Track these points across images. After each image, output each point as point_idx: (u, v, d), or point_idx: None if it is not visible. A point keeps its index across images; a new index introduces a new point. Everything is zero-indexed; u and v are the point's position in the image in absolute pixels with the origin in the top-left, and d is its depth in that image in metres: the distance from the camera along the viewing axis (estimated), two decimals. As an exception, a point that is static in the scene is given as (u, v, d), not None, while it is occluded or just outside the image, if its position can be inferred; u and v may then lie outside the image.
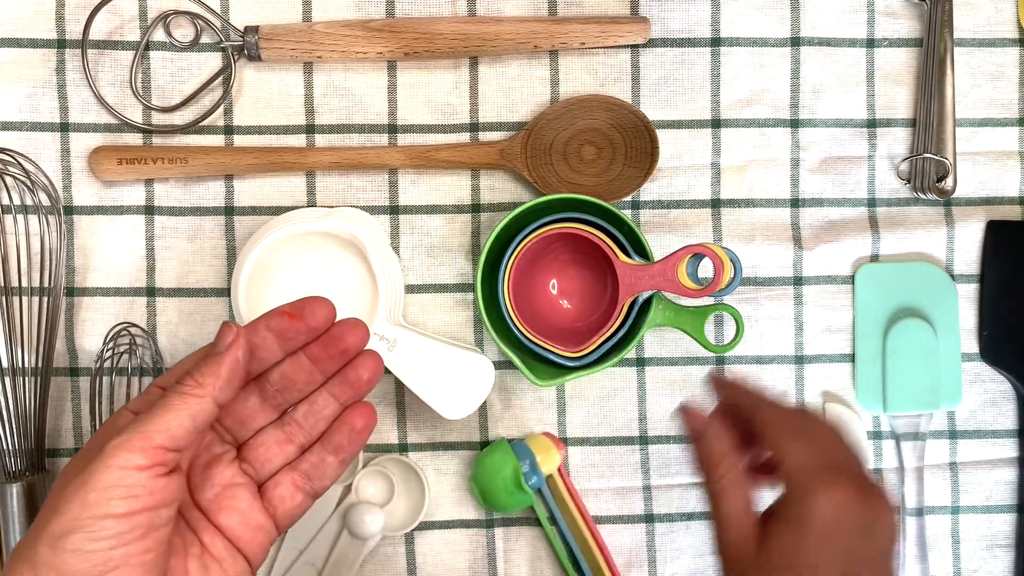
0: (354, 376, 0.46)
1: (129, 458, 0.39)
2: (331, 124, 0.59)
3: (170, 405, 0.41)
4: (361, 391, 0.46)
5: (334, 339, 0.45)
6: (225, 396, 0.42)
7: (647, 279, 0.53)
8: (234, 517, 0.44)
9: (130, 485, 0.38)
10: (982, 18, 0.60)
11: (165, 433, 0.40)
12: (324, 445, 0.46)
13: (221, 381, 0.42)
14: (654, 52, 0.59)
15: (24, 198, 0.57)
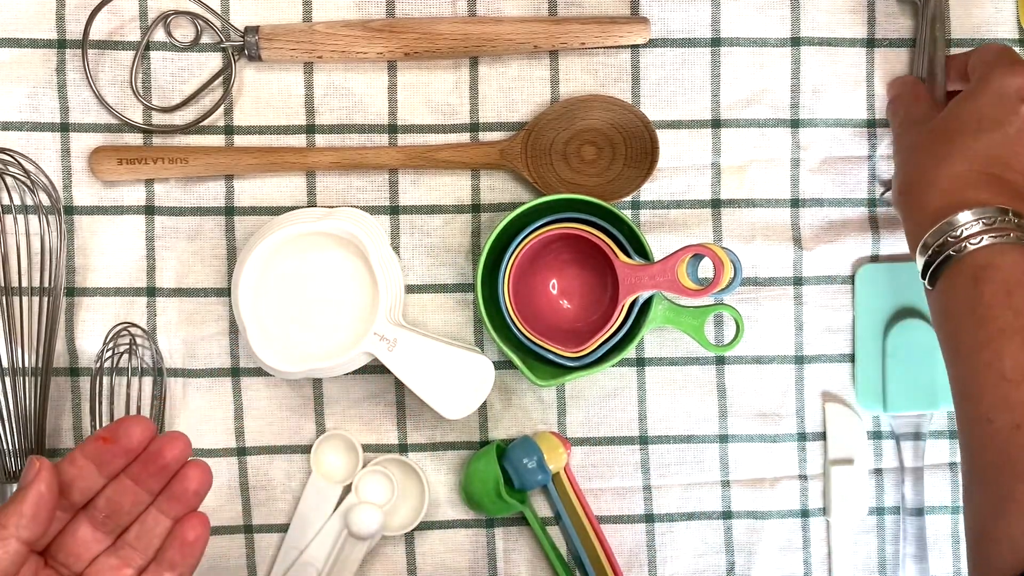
0: (180, 489, 0.45)
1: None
2: (331, 124, 0.59)
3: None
4: (191, 503, 0.46)
5: (152, 456, 0.44)
6: (32, 533, 0.41)
7: (647, 279, 0.53)
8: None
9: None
10: (982, 18, 0.60)
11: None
12: (159, 563, 0.45)
13: (25, 519, 0.40)
14: (654, 52, 0.59)
15: (24, 198, 0.57)
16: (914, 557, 0.59)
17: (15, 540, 0.40)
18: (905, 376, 0.59)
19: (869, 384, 0.60)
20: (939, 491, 0.60)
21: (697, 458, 0.60)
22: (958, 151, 0.50)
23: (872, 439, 0.60)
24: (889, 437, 0.60)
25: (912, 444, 0.60)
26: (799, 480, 0.60)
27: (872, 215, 0.60)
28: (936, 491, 0.60)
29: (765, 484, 0.60)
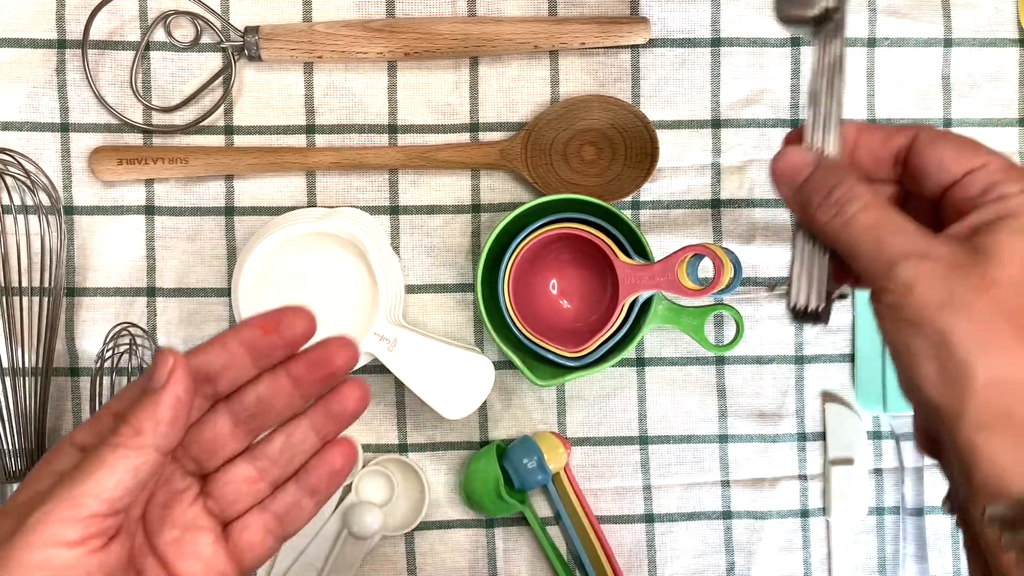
0: (339, 408, 0.41)
1: (56, 533, 0.33)
2: (331, 124, 0.59)
3: (103, 461, 0.34)
4: (344, 424, 0.41)
5: (321, 360, 0.40)
6: (169, 443, 0.36)
7: (647, 279, 0.53)
8: (195, 565, 0.39)
9: (58, 568, 0.33)
10: (982, 18, 0.60)
11: (98, 498, 0.33)
12: (300, 486, 0.41)
13: (163, 426, 0.35)
14: (654, 52, 0.59)
15: (24, 198, 0.57)
16: (914, 557, 0.59)
17: (152, 450, 0.35)
18: (905, 376, 0.59)
19: (869, 384, 0.60)
20: (939, 491, 0.60)
21: (697, 458, 0.60)
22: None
23: (872, 439, 0.60)
24: (889, 437, 0.60)
25: (912, 444, 0.60)
26: (799, 480, 0.60)
27: (872, 215, 0.60)
28: (936, 491, 0.60)
29: (765, 484, 0.60)
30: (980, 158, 0.35)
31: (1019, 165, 0.35)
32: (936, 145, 0.37)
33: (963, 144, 0.36)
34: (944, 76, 0.60)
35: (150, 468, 0.35)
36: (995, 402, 0.32)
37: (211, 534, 0.39)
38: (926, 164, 0.37)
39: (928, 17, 0.60)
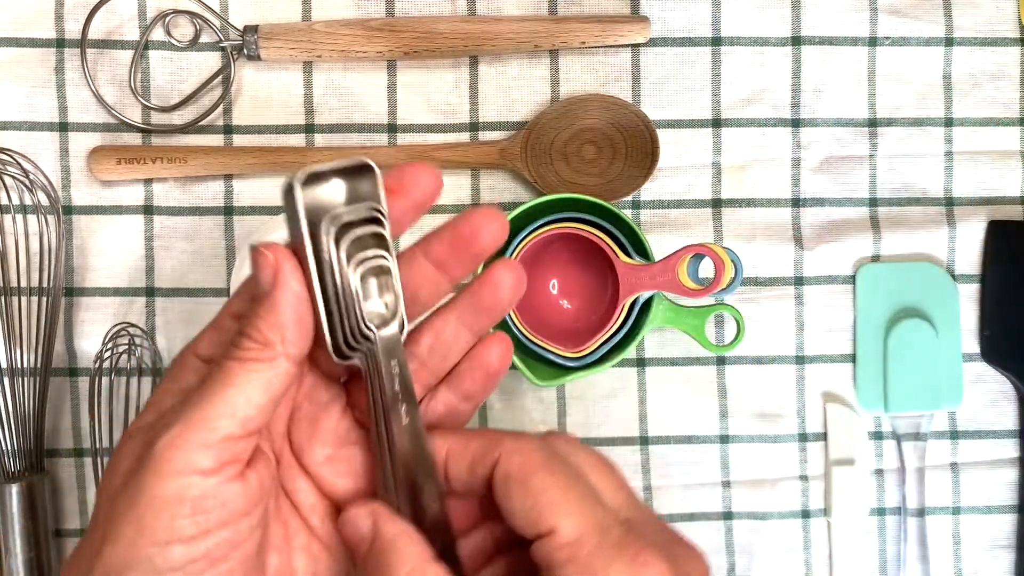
0: (490, 299, 0.35)
1: (189, 459, 0.30)
2: (331, 124, 0.59)
3: (231, 377, 0.31)
4: (499, 316, 0.36)
5: (465, 237, 0.34)
6: (300, 348, 0.32)
7: (647, 279, 0.53)
8: (350, 483, 0.35)
9: (197, 498, 0.30)
10: (983, 17, 0.60)
11: (232, 418, 0.30)
12: (454, 390, 0.37)
13: (288, 331, 0.32)
14: (654, 51, 0.59)
15: (23, 198, 0.57)
16: (916, 558, 0.59)
17: (283, 359, 0.32)
18: (906, 376, 0.59)
19: (870, 384, 0.60)
20: (940, 492, 0.60)
21: (697, 459, 0.60)
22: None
23: (873, 439, 0.60)
24: (890, 437, 0.60)
25: (913, 444, 0.60)
26: (800, 481, 0.60)
27: (873, 215, 0.60)
28: (937, 492, 0.60)
29: (766, 485, 0.60)
30: (548, 520, 0.32)
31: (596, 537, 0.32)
32: (509, 494, 0.33)
33: (533, 496, 0.32)
34: (945, 75, 0.60)
35: (284, 380, 0.32)
36: None
37: (365, 449, 0.35)
38: (502, 508, 0.33)
39: (929, 16, 0.60)
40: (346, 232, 0.34)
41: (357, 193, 0.34)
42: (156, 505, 0.29)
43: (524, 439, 0.34)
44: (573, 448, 0.36)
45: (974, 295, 0.60)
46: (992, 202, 0.60)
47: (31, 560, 0.55)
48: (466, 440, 0.35)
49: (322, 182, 0.34)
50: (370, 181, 0.34)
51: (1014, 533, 0.60)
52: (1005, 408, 0.60)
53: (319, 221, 0.33)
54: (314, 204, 0.33)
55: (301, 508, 0.35)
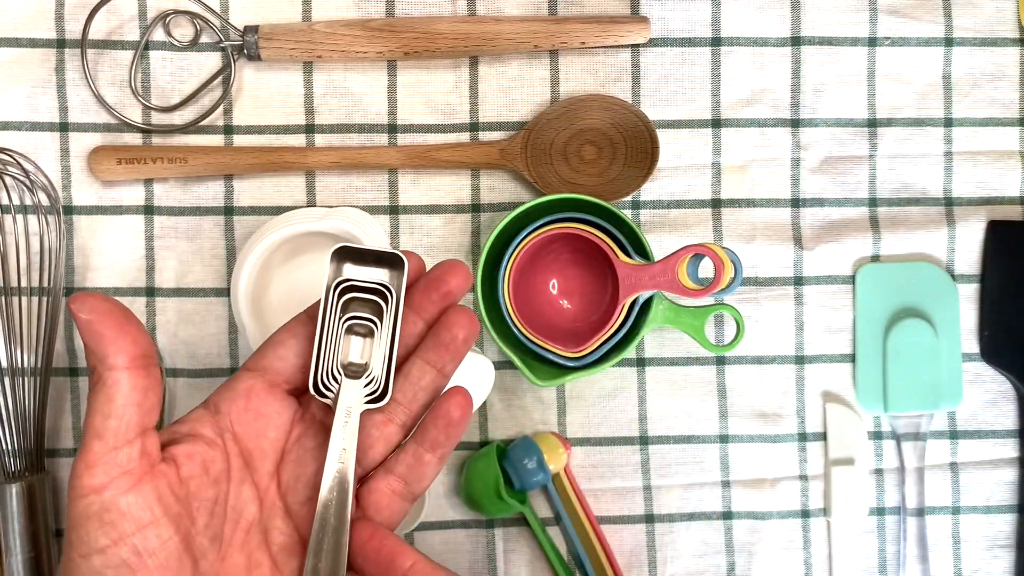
0: (448, 337, 0.41)
1: (83, 482, 0.35)
2: (331, 124, 0.59)
3: (89, 406, 0.36)
4: (457, 353, 0.42)
5: (434, 282, 0.41)
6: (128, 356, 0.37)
7: (647, 279, 0.53)
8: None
9: (98, 512, 0.35)
10: (983, 18, 0.60)
11: (100, 436, 0.36)
12: (418, 442, 0.41)
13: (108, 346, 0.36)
14: (654, 52, 0.59)
15: (23, 198, 0.57)
16: (915, 558, 0.59)
17: (115, 371, 0.36)
18: (906, 376, 0.59)
19: (870, 384, 0.60)
20: (940, 492, 0.60)
21: (697, 458, 0.60)
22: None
23: (873, 439, 0.60)
24: (890, 437, 0.60)
25: (913, 444, 0.60)
26: (799, 480, 0.60)
27: (873, 215, 0.60)
28: (937, 491, 0.60)
29: (765, 484, 0.60)
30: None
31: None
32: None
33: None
34: (945, 76, 0.60)
35: (120, 386, 0.36)
36: None
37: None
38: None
39: (929, 17, 0.60)
40: (350, 294, 0.41)
41: (384, 273, 0.42)
42: (72, 525, 0.35)
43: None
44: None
45: (973, 295, 0.60)
46: (991, 202, 0.60)
47: (31, 560, 0.55)
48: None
49: (362, 259, 0.42)
50: (398, 270, 0.41)
51: (1013, 533, 0.61)
52: (1004, 408, 0.60)
53: (335, 283, 0.41)
54: (345, 270, 0.42)
55: (272, 546, 0.39)
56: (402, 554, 0.39)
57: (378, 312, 0.41)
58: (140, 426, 0.37)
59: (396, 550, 0.39)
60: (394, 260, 0.41)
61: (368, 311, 0.41)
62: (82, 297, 0.36)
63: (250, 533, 0.39)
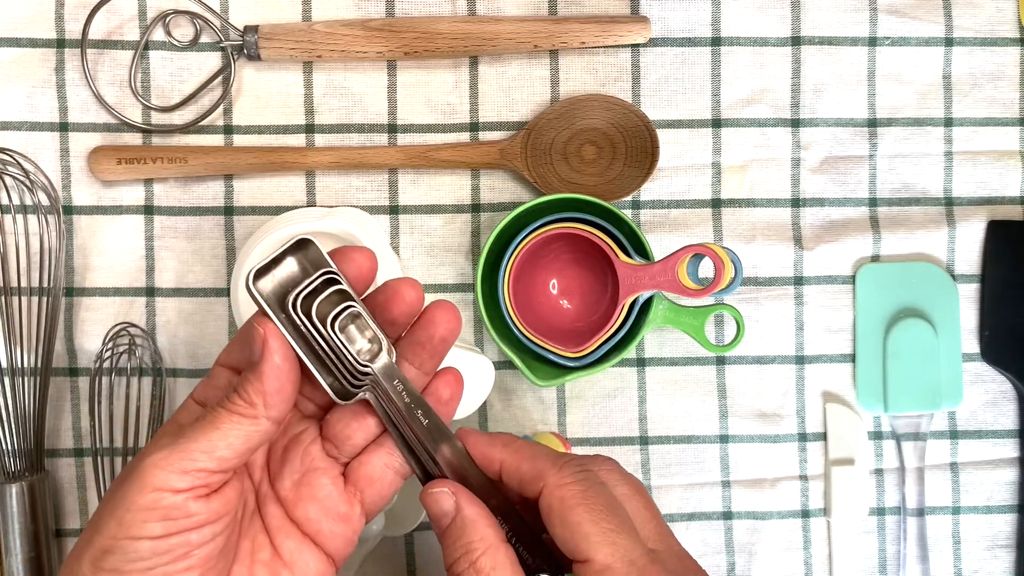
0: (424, 336, 0.42)
1: (166, 479, 0.36)
2: (331, 124, 0.59)
3: (218, 423, 0.37)
4: (436, 350, 0.42)
5: (392, 297, 0.42)
6: (280, 412, 0.38)
7: (647, 279, 0.53)
8: (312, 508, 0.41)
9: (166, 508, 0.36)
10: (983, 17, 0.60)
11: (209, 455, 0.37)
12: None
13: (271, 396, 0.38)
14: (654, 52, 0.59)
15: (23, 198, 0.57)
16: (915, 558, 0.59)
17: (264, 419, 0.38)
18: (906, 376, 0.59)
19: (870, 384, 0.60)
20: (940, 492, 0.60)
21: (697, 458, 0.60)
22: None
23: (873, 439, 0.60)
24: (890, 437, 0.60)
25: (913, 444, 0.60)
26: (800, 480, 0.60)
27: (873, 215, 0.60)
28: (937, 491, 0.60)
29: (766, 484, 0.60)
30: (583, 551, 0.38)
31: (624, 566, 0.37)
32: (552, 523, 0.39)
33: (570, 529, 0.38)
34: (945, 75, 0.60)
35: (261, 436, 0.38)
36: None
37: (328, 475, 0.41)
38: (548, 529, 0.39)
39: (929, 16, 0.60)
40: (312, 301, 0.40)
41: (308, 263, 0.40)
42: (134, 509, 0.36)
43: (567, 471, 0.39)
44: (613, 478, 0.41)
45: (974, 295, 0.60)
46: (992, 202, 0.60)
47: (31, 560, 0.55)
48: (517, 460, 0.40)
49: (275, 267, 0.40)
50: (314, 250, 0.40)
51: (1014, 533, 0.61)
52: (1004, 408, 0.60)
53: (285, 300, 0.40)
54: (278, 286, 0.40)
55: (270, 529, 0.41)
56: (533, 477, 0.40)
57: (341, 297, 0.41)
58: (243, 464, 0.39)
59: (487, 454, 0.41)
60: (298, 247, 0.40)
61: (335, 303, 0.40)
62: (273, 347, 0.38)
63: (252, 520, 0.41)
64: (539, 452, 0.41)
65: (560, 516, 0.38)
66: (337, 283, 0.40)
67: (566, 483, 0.39)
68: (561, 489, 0.39)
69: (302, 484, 0.41)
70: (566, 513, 0.38)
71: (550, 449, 0.41)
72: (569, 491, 0.39)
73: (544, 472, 0.39)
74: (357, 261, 0.41)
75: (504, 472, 0.41)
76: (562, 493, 0.39)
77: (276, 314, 0.39)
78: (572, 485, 0.39)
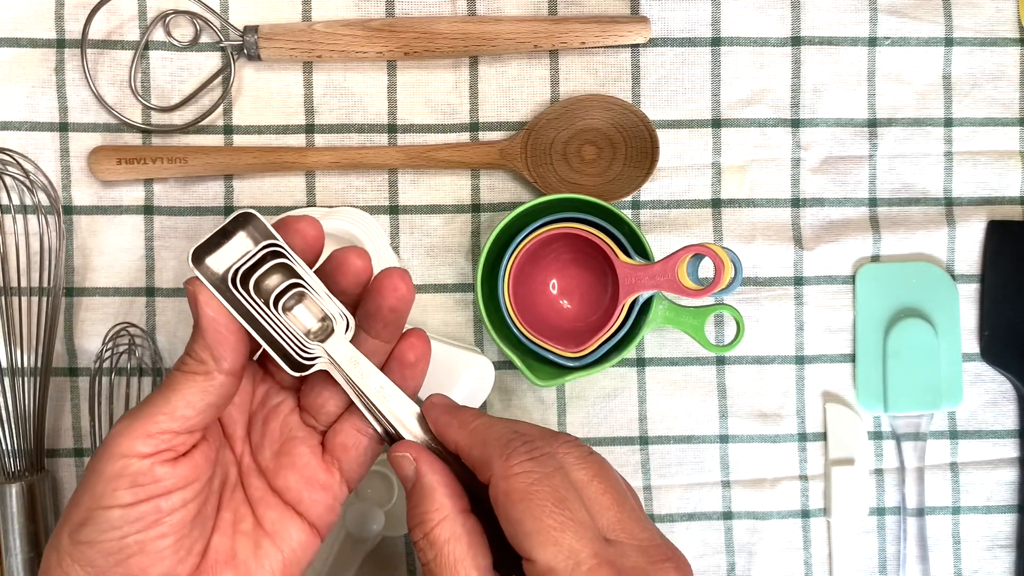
0: (374, 307, 0.42)
1: (131, 445, 0.37)
2: (331, 124, 0.59)
3: (175, 385, 0.38)
4: (389, 320, 0.42)
5: (338, 265, 0.42)
6: (232, 364, 0.39)
7: (647, 279, 0.53)
8: (292, 477, 0.41)
9: (133, 474, 0.37)
10: (983, 17, 0.60)
11: (171, 416, 0.38)
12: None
13: (217, 350, 0.39)
14: (654, 52, 0.59)
15: (23, 198, 0.57)
16: (915, 558, 0.59)
17: (217, 372, 0.39)
18: (906, 376, 0.59)
19: (870, 384, 0.60)
20: (940, 492, 0.60)
21: (697, 458, 0.60)
22: None
23: (873, 439, 0.60)
24: (890, 437, 0.60)
25: (913, 444, 0.60)
26: (800, 480, 0.60)
27: (873, 215, 0.60)
28: (937, 492, 0.60)
29: (766, 484, 0.60)
30: (524, 549, 0.36)
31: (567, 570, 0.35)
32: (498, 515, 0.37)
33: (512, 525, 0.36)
34: (945, 75, 0.60)
35: (220, 389, 0.39)
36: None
37: (306, 444, 0.42)
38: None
39: (929, 17, 0.60)
40: (250, 277, 0.40)
41: (255, 237, 0.41)
42: (104, 479, 0.37)
43: (514, 460, 0.37)
44: (570, 460, 0.39)
45: (974, 295, 0.60)
46: (992, 202, 0.60)
47: (31, 560, 0.55)
48: (469, 444, 0.39)
49: (220, 243, 0.40)
50: (259, 224, 0.41)
51: (1014, 533, 0.60)
52: (1005, 408, 0.60)
53: (227, 277, 0.40)
54: (222, 263, 0.40)
55: (252, 500, 0.41)
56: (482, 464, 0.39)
57: (286, 273, 0.41)
58: (208, 424, 0.39)
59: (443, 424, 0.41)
60: (243, 221, 0.41)
61: (277, 281, 0.41)
62: (203, 303, 0.39)
63: (234, 492, 0.41)
64: (492, 436, 0.38)
65: (503, 511, 0.36)
66: (282, 256, 0.40)
67: (511, 474, 0.36)
68: (506, 481, 0.36)
69: (281, 454, 0.41)
70: (509, 508, 0.36)
71: (506, 430, 0.39)
72: (514, 483, 0.36)
73: (491, 460, 0.37)
74: (301, 231, 0.41)
75: (460, 454, 0.40)
76: (506, 486, 0.36)
77: (225, 291, 0.40)
78: (518, 477, 0.36)
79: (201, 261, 0.40)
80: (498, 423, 0.40)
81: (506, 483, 0.36)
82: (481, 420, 0.40)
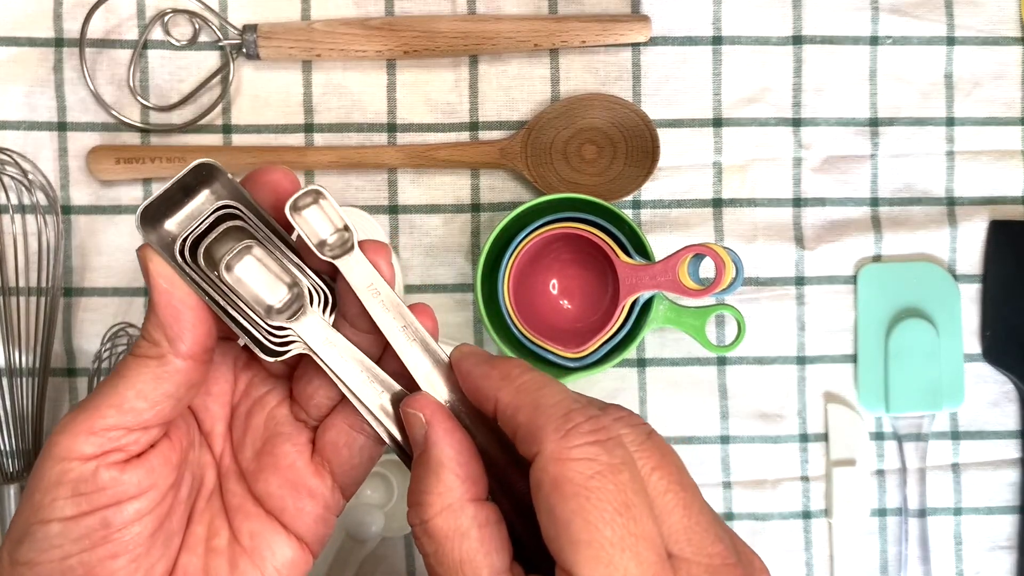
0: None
1: (71, 445, 0.30)
2: (330, 123, 0.59)
3: (124, 371, 0.32)
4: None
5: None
6: (191, 346, 0.32)
7: (648, 279, 0.53)
8: (274, 480, 0.34)
9: (74, 481, 0.30)
10: (985, 17, 0.60)
11: (119, 409, 0.31)
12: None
13: (173, 329, 0.32)
14: (655, 50, 0.59)
15: (22, 198, 0.57)
16: (917, 559, 0.59)
17: (172, 355, 0.32)
18: (907, 376, 0.59)
19: (871, 385, 0.60)
20: (942, 493, 0.60)
21: (698, 459, 0.60)
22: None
23: (874, 440, 0.60)
24: (891, 438, 0.60)
25: (914, 445, 0.59)
26: (801, 481, 0.60)
27: (874, 215, 0.60)
28: (938, 492, 0.60)
29: (767, 485, 0.60)
30: (566, 558, 0.28)
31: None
32: (538, 505, 0.29)
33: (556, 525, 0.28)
34: (947, 75, 0.60)
35: (177, 376, 0.32)
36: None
37: (291, 442, 0.35)
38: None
39: (931, 16, 0.60)
40: (199, 245, 0.33)
41: (219, 193, 0.33)
42: (42, 487, 0.31)
43: (573, 439, 0.28)
44: (639, 447, 0.30)
45: (975, 295, 0.60)
46: (993, 202, 0.60)
47: (30, 561, 0.55)
48: (515, 405, 0.30)
49: (179, 202, 0.33)
50: (220, 178, 0.33)
51: (1015, 534, 0.60)
52: (1006, 408, 0.60)
53: (184, 242, 0.33)
54: (178, 225, 0.33)
55: (229, 509, 0.35)
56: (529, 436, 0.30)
57: (242, 236, 0.34)
58: (167, 420, 0.33)
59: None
60: (203, 174, 0.33)
61: (230, 248, 0.33)
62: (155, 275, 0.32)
63: (210, 501, 0.35)
64: (546, 399, 0.30)
65: (548, 502, 0.28)
66: (237, 219, 0.33)
67: (568, 458, 0.28)
68: (559, 466, 0.28)
69: (263, 453, 0.35)
70: (556, 502, 0.28)
71: (564, 396, 0.30)
72: (569, 471, 0.28)
73: (542, 433, 0.29)
74: (273, 185, 0.34)
75: (500, 416, 0.31)
76: (559, 472, 0.28)
77: (186, 261, 0.33)
78: (576, 464, 0.28)
79: (153, 223, 0.33)
80: (552, 384, 0.31)
81: (559, 468, 0.28)
82: (531, 376, 0.31)
